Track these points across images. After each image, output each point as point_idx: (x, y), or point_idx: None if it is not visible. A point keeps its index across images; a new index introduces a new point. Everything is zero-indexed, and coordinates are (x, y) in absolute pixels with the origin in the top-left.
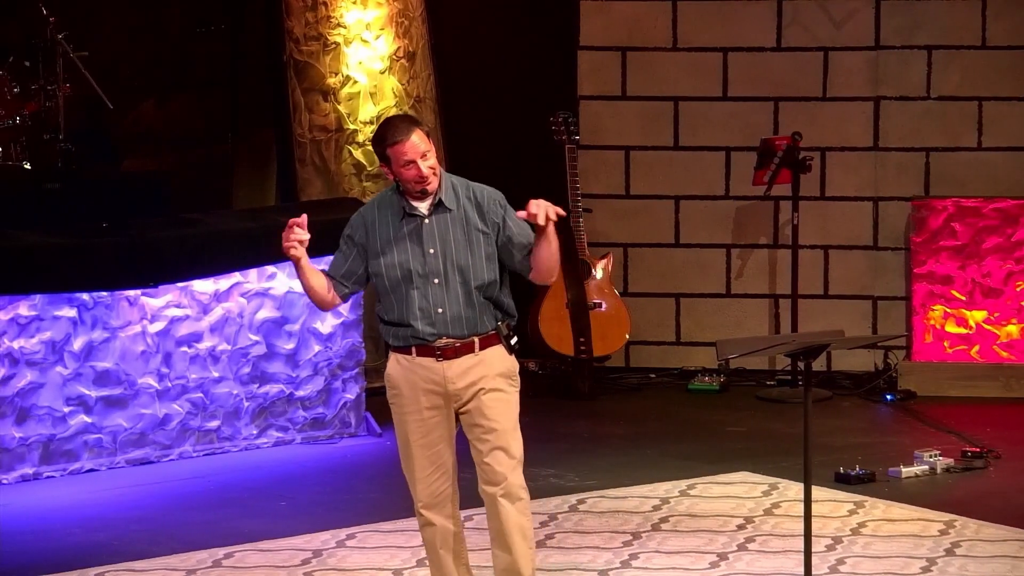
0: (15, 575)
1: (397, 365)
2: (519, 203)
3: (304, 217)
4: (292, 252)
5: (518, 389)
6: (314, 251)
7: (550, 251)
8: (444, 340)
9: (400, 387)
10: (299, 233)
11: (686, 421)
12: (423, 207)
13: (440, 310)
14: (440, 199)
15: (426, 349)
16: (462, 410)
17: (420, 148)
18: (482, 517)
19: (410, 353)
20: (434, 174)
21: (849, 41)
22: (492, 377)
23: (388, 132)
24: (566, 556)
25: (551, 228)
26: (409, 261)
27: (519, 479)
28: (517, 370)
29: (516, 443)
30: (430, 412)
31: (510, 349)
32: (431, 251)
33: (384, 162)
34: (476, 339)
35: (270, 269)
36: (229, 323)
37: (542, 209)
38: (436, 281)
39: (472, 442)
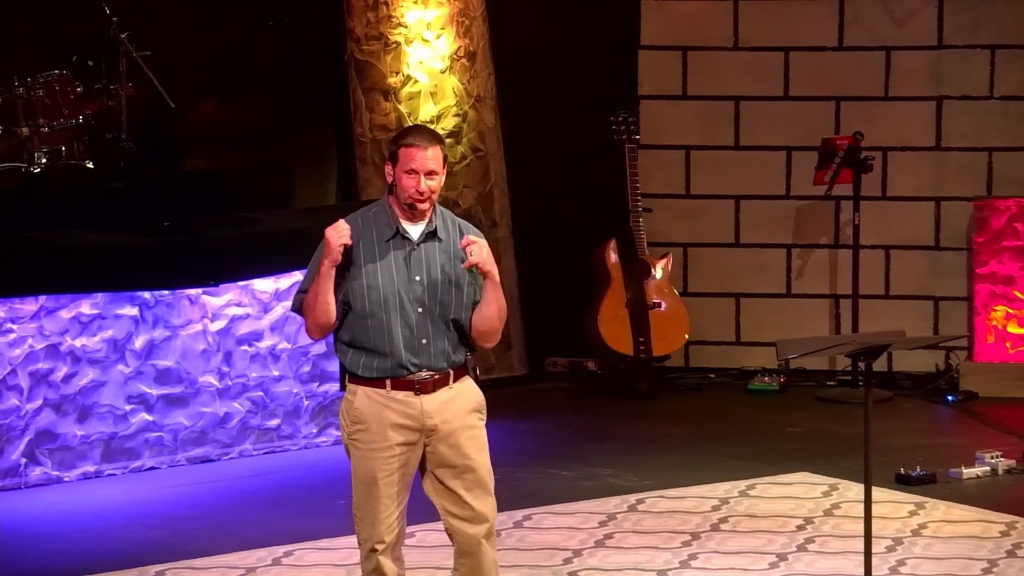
0: (76, 572)
1: (367, 399)
2: (581, 201)
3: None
4: (343, 246)
5: (484, 422)
6: None
7: (499, 303)
8: (424, 372)
9: (368, 422)
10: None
11: (745, 421)
12: (415, 232)
13: (424, 341)
14: (435, 228)
15: (403, 382)
16: (431, 447)
17: (430, 165)
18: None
19: (383, 386)
20: (430, 199)
21: (911, 40)
22: (467, 413)
23: (409, 133)
24: (624, 556)
25: (495, 275)
26: (394, 285)
27: (495, 517)
28: (484, 403)
29: (491, 480)
30: (400, 448)
31: (477, 381)
32: (417, 278)
33: (392, 160)
34: (451, 371)
35: None
36: (289, 322)
37: (479, 251)
38: (420, 310)
39: (441, 480)
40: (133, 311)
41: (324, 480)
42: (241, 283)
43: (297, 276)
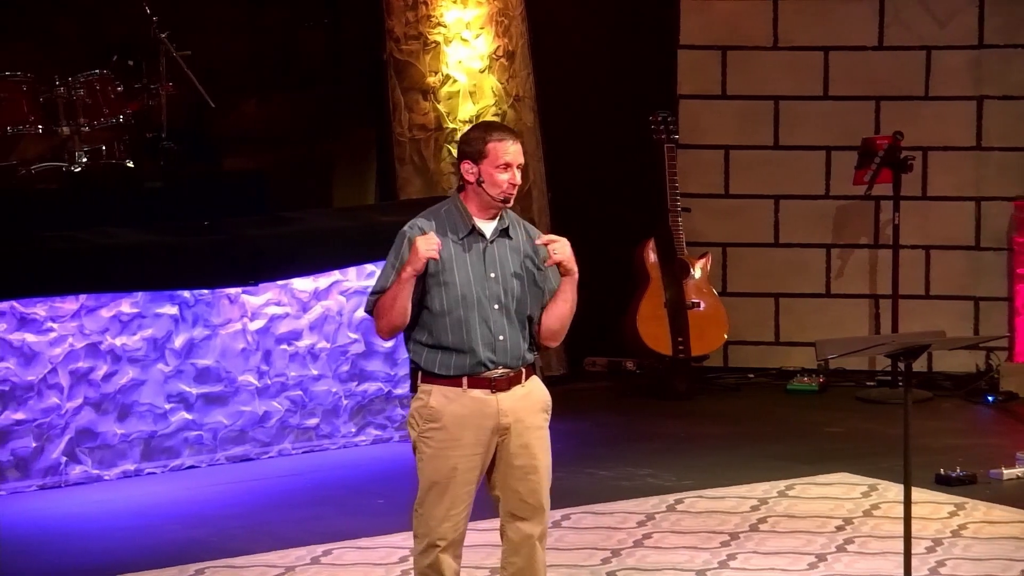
0: (116, 570)
1: (444, 399)
2: (620, 200)
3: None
4: (431, 257)
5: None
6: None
7: (573, 303)
8: (500, 370)
9: (444, 421)
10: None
11: (784, 421)
12: (488, 230)
13: (501, 337)
14: (507, 225)
15: (479, 380)
16: (502, 445)
17: (521, 158)
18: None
19: (460, 385)
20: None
21: (952, 40)
22: (537, 412)
23: (493, 128)
24: (663, 556)
25: (575, 274)
26: (471, 283)
27: (549, 518)
28: (551, 402)
29: (550, 481)
30: (475, 448)
31: (542, 379)
32: (492, 275)
33: (474, 158)
34: (523, 369)
35: (369, 267)
36: (328, 321)
37: (562, 248)
38: (496, 307)
39: (506, 477)
40: (173, 310)
41: (363, 479)
42: (280, 282)
43: (336, 275)
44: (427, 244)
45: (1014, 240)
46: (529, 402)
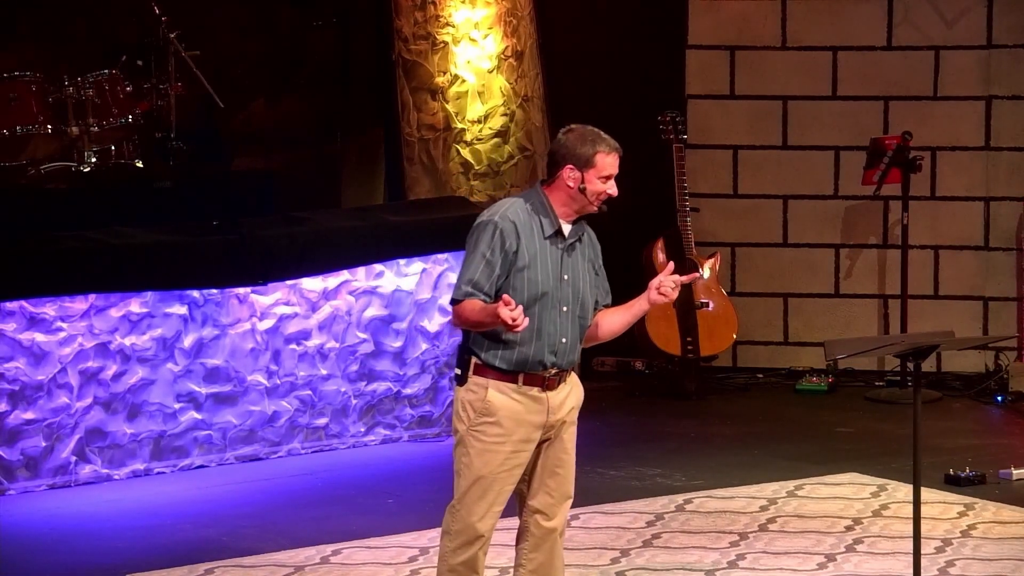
0: (125, 570)
1: (499, 394)
2: (628, 200)
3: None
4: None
5: None
6: (422, 249)
7: (630, 323)
8: (554, 370)
9: (498, 416)
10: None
11: (794, 421)
12: (567, 231)
13: (564, 339)
14: (584, 231)
15: (534, 378)
16: (546, 442)
17: (617, 168)
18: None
19: (516, 381)
20: None
21: (961, 40)
22: (575, 409)
23: (602, 138)
24: (672, 556)
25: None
26: (548, 282)
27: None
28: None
29: (574, 476)
30: (524, 445)
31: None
32: (565, 277)
33: (580, 164)
34: (571, 369)
35: (378, 267)
36: (337, 321)
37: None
38: (564, 309)
39: (539, 472)
40: (182, 310)
41: (372, 479)
42: (289, 282)
43: (346, 275)
44: (513, 320)
45: (1023, 240)
46: (572, 400)
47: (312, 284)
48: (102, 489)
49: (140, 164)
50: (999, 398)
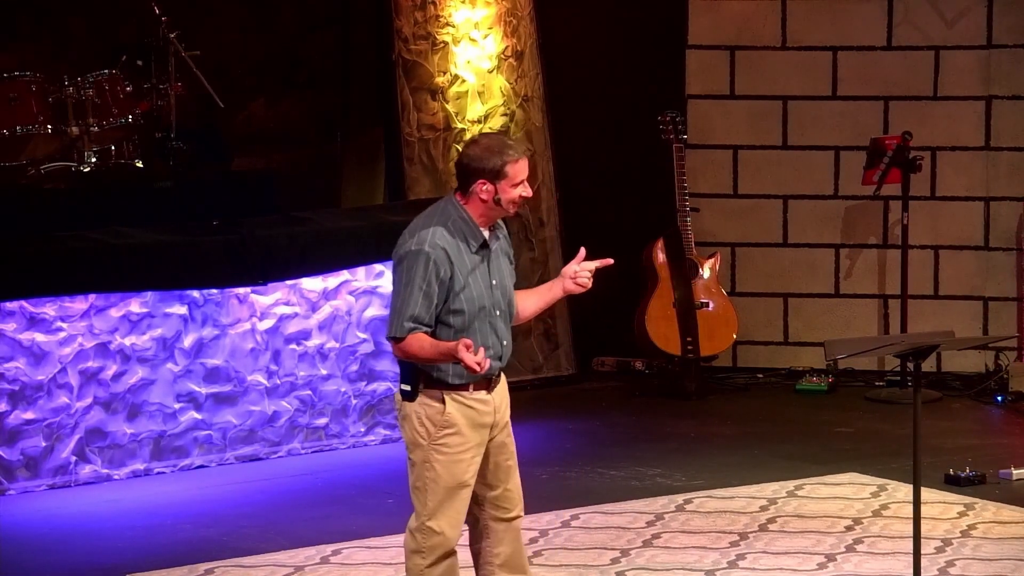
0: (125, 570)
1: (455, 404)
2: (628, 200)
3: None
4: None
5: None
6: None
7: (543, 310)
8: (498, 372)
9: (460, 426)
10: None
11: (794, 421)
12: (489, 238)
13: (505, 343)
14: (498, 230)
15: (481, 383)
16: (492, 440)
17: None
18: None
19: (467, 390)
20: None
21: (961, 40)
22: (508, 404)
23: (507, 146)
24: (672, 556)
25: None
26: (483, 294)
27: None
28: None
29: None
30: (480, 448)
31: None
32: (494, 283)
33: (492, 177)
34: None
35: (378, 267)
36: (337, 321)
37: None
38: (498, 314)
39: (492, 469)
40: (182, 310)
41: (372, 479)
42: (290, 282)
43: (346, 275)
44: (477, 365)
45: (1023, 240)
46: (504, 395)
47: (312, 284)
48: (102, 489)
49: (140, 164)
50: (999, 398)
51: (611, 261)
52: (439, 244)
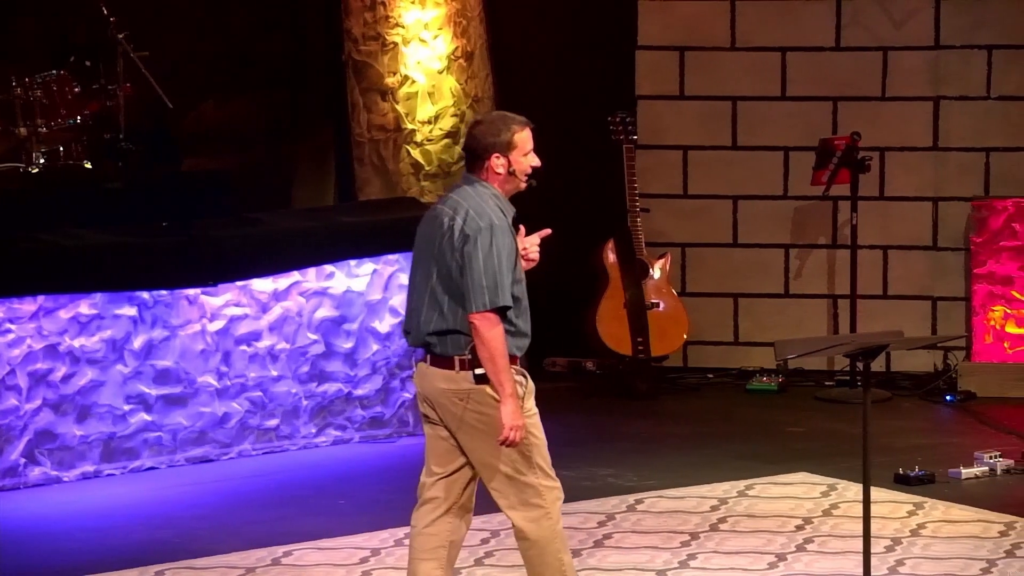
0: (76, 572)
1: (520, 376)
2: (579, 201)
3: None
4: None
5: None
6: (372, 250)
7: None
8: None
9: (524, 398)
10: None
11: (745, 421)
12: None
13: (529, 314)
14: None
15: (515, 358)
16: None
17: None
18: None
19: (516, 363)
20: None
21: (909, 41)
22: None
23: (511, 119)
24: (624, 556)
25: None
26: (521, 266)
27: None
28: None
29: None
30: None
31: None
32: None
33: (503, 149)
34: None
35: (329, 268)
36: (288, 322)
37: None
38: (524, 285)
39: None
40: (132, 311)
41: (324, 480)
42: (240, 283)
43: (296, 276)
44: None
45: (972, 240)
46: None
47: (262, 285)
48: (52, 491)
49: (89, 165)
50: (948, 397)
51: (549, 231)
52: (504, 225)
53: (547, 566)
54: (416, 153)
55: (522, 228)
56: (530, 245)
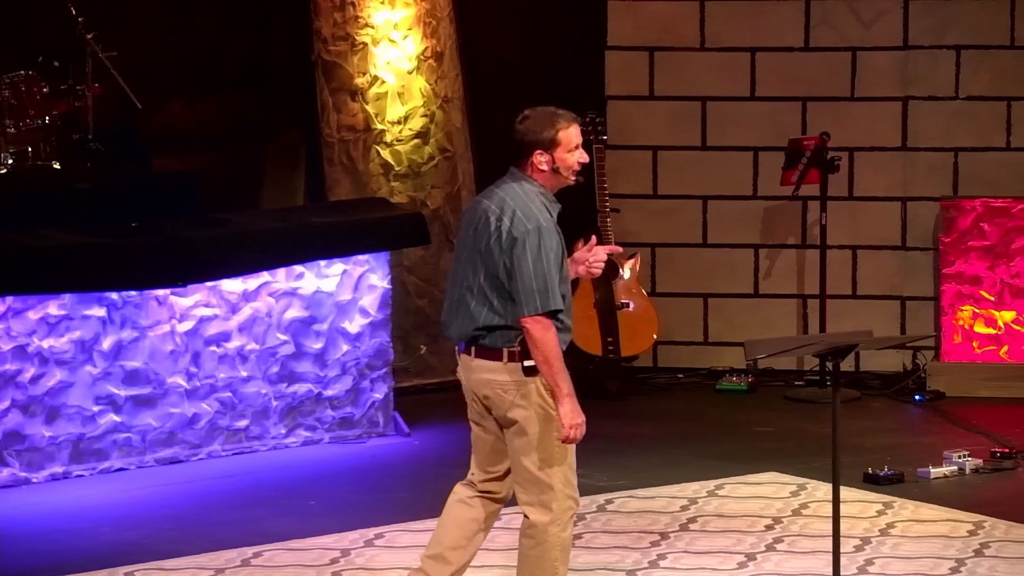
0: (46, 573)
1: None
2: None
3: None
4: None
5: None
6: (342, 251)
7: None
8: None
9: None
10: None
11: (715, 421)
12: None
13: (571, 309)
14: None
15: None
16: None
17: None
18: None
19: None
20: None
21: (878, 41)
22: None
23: (556, 115)
24: (595, 556)
25: None
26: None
27: None
28: None
29: None
30: None
31: None
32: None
33: (546, 146)
34: None
35: (298, 269)
36: (258, 323)
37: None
38: (568, 283)
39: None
40: (101, 312)
41: (294, 481)
42: (209, 284)
43: (266, 276)
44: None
45: (940, 240)
46: None
47: (232, 286)
48: (21, 492)
49: (58, 166)
50: (917, 397)
51: (620, 249)
52: (549, 225)
53: (542, 570)
54: (386, 153)
55: (593, 238)
56: (595, 260)
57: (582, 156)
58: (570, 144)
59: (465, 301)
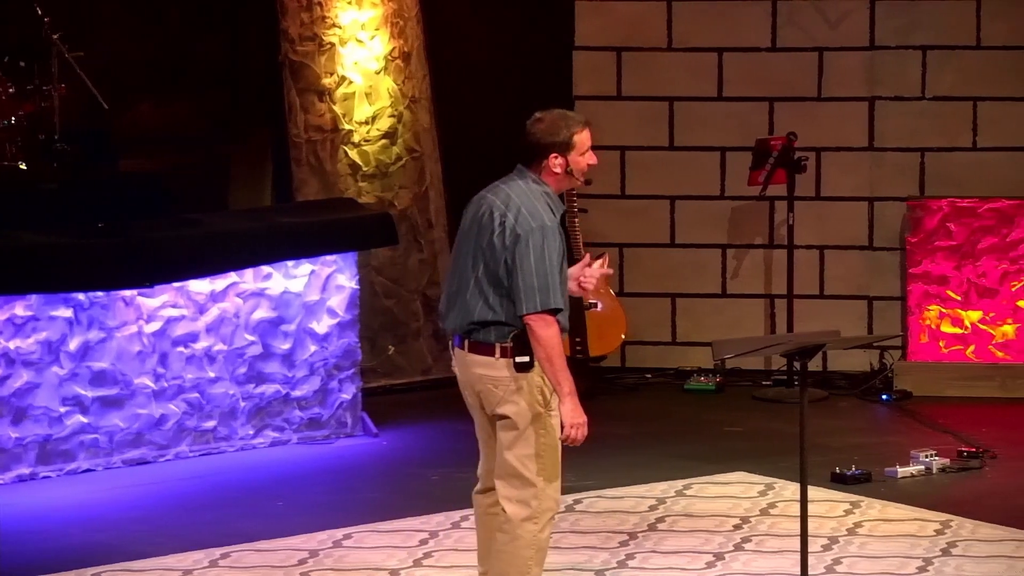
0: (13, 575)
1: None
2: None
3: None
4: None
5: None
6: (310, 251)
7: None
8: None
9: (547, 394)
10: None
11: (683, 421)
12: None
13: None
14: None
15: None
16: None
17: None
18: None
19: None
20: None
21: (844, 41)
22: None
23: (570, 118)
24: (563, 556)
25: None
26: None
27: None
28: None
29: None
30: None
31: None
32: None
33: (562, 149)
34: None
35: (266, 269)
36: (225, 323)
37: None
38: (566, 285)
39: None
40: (68, 313)
41: (261, 482)
42: (177, 284)
43: (233, 277)
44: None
45: (907, 240)
46: None
47: (199, 286)
48: None
49: (24, 166)
50: (885, 397)
51: (611, 271)
52: (554, 227)
53: (514, 567)
54: (353, 154)
55: (587, 256)
56: (590, 276)
57: (591, 158)
58: (583, 147)
59: (462, 294)
